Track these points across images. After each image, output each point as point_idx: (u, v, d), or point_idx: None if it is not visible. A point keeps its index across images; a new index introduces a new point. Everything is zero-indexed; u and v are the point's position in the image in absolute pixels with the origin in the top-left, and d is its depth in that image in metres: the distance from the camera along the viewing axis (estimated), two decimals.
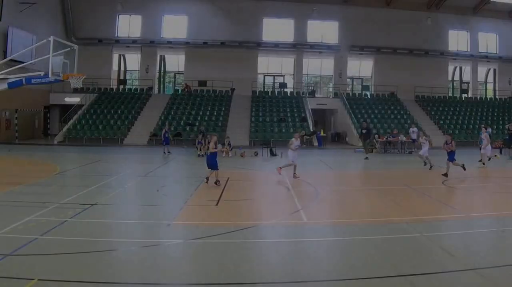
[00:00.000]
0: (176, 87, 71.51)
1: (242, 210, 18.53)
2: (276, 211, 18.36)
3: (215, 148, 23.74)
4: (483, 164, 32.06)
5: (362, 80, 73.12)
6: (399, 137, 46.61)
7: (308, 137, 51.21)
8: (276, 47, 68.87)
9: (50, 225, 14.79)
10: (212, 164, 23.30)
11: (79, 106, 59.80)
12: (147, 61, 68.61)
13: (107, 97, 62.96)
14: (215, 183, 22.66)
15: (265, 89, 70.37)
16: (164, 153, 39.98)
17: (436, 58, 69.19)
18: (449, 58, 70.95)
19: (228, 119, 57.34)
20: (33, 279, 10.16)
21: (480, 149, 34.15)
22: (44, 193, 20.54)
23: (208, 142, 39.44)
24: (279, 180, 25.77)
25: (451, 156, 27.07)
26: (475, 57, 71.52)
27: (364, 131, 40.50)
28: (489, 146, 33.18)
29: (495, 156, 36.65)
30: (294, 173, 26.21)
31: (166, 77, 75.05)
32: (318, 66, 72.50)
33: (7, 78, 22.92)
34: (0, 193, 20.36)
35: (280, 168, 26.85)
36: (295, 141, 26.74)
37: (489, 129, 42.59)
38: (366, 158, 37.79)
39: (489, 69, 75.29)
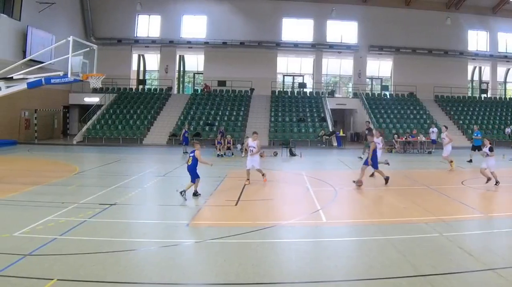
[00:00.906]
0: (195, 87, 71.70)
1: (261, 210, 18.54)
2: (295, 211, 18.31)
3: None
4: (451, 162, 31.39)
5: (382, 80, 72.90)
6: (419, 137, 46.36)
7: (327, 137, 51.06)
8: (296, 47, 68.76)
9: (69, 225, 14.85)
10: (194, 174, 20.74)
11: (99, 106, 59.99)
12: (166, 61, 68.73)
13: (127, 97, 63.08)
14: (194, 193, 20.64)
15: (285, 89, 70.30)
16: (185, 152, 40.08)
17: (456, 58, 68.83)
18: (469, 58, 70.56)
19: (248, 119, 57.29)
20: (52, 279, 10.23)
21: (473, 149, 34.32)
22: (63, 193, 20.60)
23: (228, 142, 39.70)
24: (298, 179, 25.66)
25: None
26: (495, 57, 71.17)
27: (366, 131, 40.20)
28: (449, 146, 31.96)
29: (503, 156, 36.49)
30: (248, 179, 24.20)
31: (185, 77, 75.14)
32: (338, 66, 72.41)
33: (27, 78, 22.95)
34: (19, 193, 20.48)
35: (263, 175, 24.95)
36: (250, 143, 24.90)
37: (508, 129, 42.50)
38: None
39: (509, 69, 74.91)
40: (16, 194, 20.12)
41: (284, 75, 72.39)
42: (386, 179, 24.03)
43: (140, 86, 69.17)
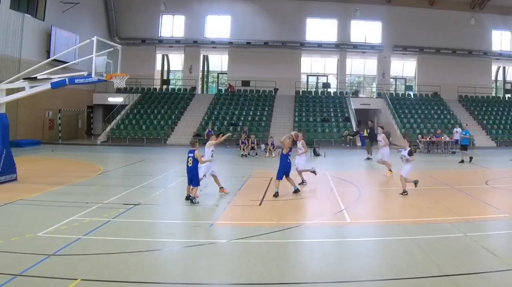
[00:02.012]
0: (219, 87, 71.75)
1: (285, 210, 18.53)
2: (319, 211, 18.39)
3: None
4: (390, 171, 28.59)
5: (406, 80, 72.76)
6: (443, 137, 46.11)
7: (351, 137, 50.90)
8: (320, 47, 68.62)
9: (93, 225, 14.91)
10: (195, 177, 19.53)
11: (122, 106, 60.22)
12: (190, 61, 68.81)
13: (151, 97, 63.29)
14: (192, 199, 19.28)
15: (309, 89, 70.22)
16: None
17: (480, 58, 68.30)
18: (493, 58, 70.01)
19: (272, 119, 57.23)
20: (76, 279, 10.24)
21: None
22: (87, 193, 20.67)
23: (252, 142, 39.58)
24: (322, 180, 25.56)
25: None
26: None
27: (368, 131, 39.90)
28: (385, 149, 29.28)
29: None
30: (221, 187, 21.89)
31: (209, 77, 75.28)
32: (362, 66, 72.40)
33: (51, 78, 23.00)
34: (43, 193, 20.59)
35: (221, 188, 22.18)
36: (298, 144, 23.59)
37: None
38: (368, 158, 37.31)
39: None
40: (40, 194, 20.22)
41: (308, 75, 72.42)
42: (296, 191, 21.78)
43: (164, 86, 69.48)
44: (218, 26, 68.58)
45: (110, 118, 58.17)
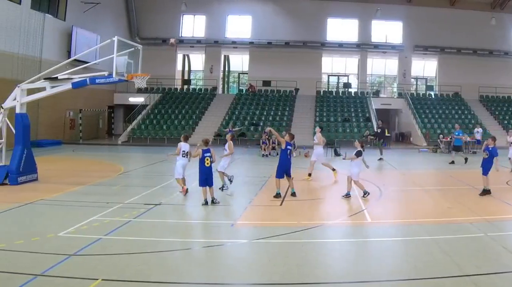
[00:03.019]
0: (240, 87, 71.72)
1: (306, 210, 18.57)
2: (340, 211, 18.39)
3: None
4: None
5: (426, 80, 72.41)
6: (463, 137, 45.82)
7: (372, 137, 50.73)
8: (340, 47, 68.48)
9: (114, 225, 14.97)
10: (211, 177, 18.97)
11: (143, 106, 60.27)
12: (211, 61, 68.88)
13: (171, 97, 63.40)
14: (212, 200, 18.91)
15: (329, 89, 70.04)
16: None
17: (501, 58, 67.66)
18: None
19: (292, 119, 57.15)
20: (97, 279, 10.26)
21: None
22: (108, 193, 20.78)
23: (273, 142, 39.48)
24: (343, 180, 25.47)
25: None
26: None
27: (378, 130, 39.60)
28: (318, 149, 27.17)
29: None
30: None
31: (230, 77, 75.26)
32: (382, 66, 72.08)
33: (71, 78, 23.06)
34: (64, 193, 20.70)
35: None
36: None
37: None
38: (380, 159, 37.17)
39: None
40: (61, 194, 20.32)
41: (329, 75, 72.20)
42: (292, 194, 20.91)
43: (185, 86, 69.53)
44: (239, 26, 68.61)
45: (131, 118, 58.26)
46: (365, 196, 20.18)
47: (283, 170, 20.71)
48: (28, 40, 43.61)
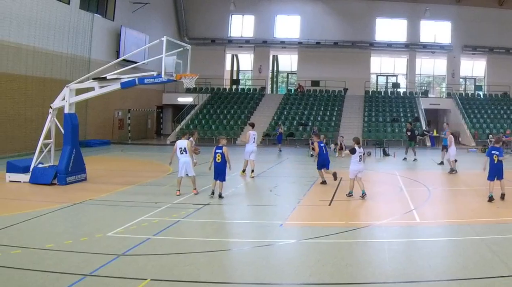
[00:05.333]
0: (289, 87, 71.64)
1: (354, 210, 18.70)
2: (388, 211, 18.33)
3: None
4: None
5: (475, 80, 71.68)
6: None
7: (421, 137, 50.35)
8: (389, 47, 68.22)
9: (162, 225, 15.05)
10: (224, 173, 20.12)
11: (192, 106, 60.50)
12: (260, 61, 69.03)
13: (220, 97, 63.59)
14: (219, 195, 19.90)
15: (378, 89, 69.71)
16: (280, 150, 42.04)
17: None
18: None
19: (341, 119, 56.96)
20: (145, 279, 10.32)
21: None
22: (156, 193, 20.92)
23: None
24: (391, 179, 25.35)
25: None
26: None
27: (408, 133, 39.11)
28: (251, 145, 27.20)
29: None
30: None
31: (279, 77, 75.21)
32: (431, 66, 71.47)
33: (120, 78, 23.19)
34: (113, 193, 20.89)
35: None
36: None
37: None
38: (405, 158, 37.09)
39: None
40: (110, 194, 20.52)
41: (377, 75, 71.90)
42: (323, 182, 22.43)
43: (234, 86, 69.68)
44: (287, 26, 68.62)
45: (180, 118, 58.46)
46: (362, 196, 19.98)
47: (320, 163, 23.05)
48: (77, 40, 43.96)
